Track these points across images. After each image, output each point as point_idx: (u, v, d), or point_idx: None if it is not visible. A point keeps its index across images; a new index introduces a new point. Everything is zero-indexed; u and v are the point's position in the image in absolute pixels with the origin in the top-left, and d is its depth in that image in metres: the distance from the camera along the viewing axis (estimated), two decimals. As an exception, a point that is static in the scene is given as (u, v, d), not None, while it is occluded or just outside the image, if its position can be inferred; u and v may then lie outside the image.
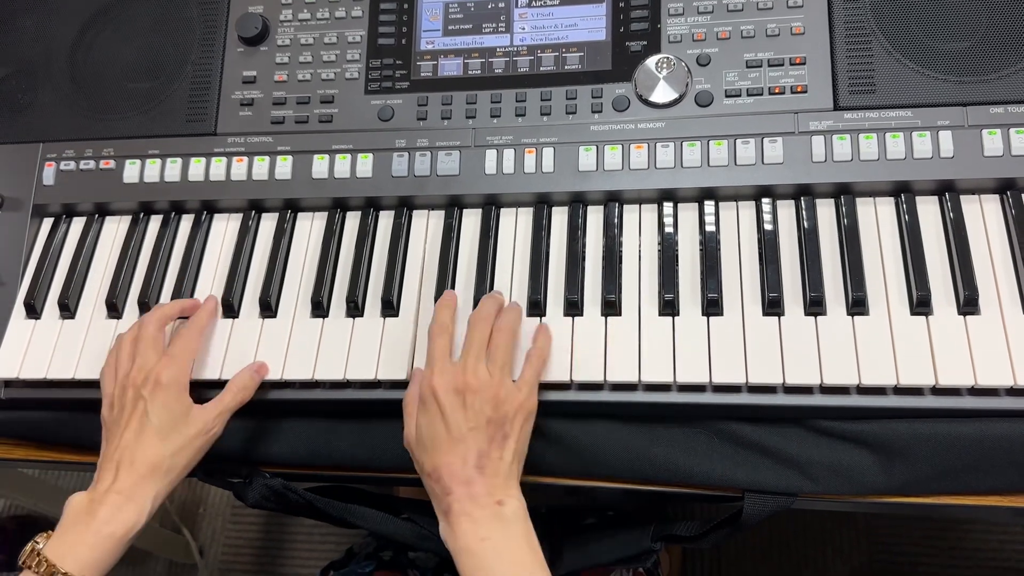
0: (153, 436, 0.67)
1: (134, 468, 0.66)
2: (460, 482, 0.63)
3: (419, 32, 0.84)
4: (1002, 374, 0.65)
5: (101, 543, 0.64)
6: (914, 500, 0.70)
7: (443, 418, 0.64)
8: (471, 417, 0.64)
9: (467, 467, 0.63)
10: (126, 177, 0.84)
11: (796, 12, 0.77)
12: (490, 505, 0.62)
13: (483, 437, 0.64)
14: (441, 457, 0.64)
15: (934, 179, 0.72)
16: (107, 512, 0.64)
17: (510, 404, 0.65)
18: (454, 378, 0.65)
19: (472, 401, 0.64)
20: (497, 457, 0.64)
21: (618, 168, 0.77)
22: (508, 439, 0.64)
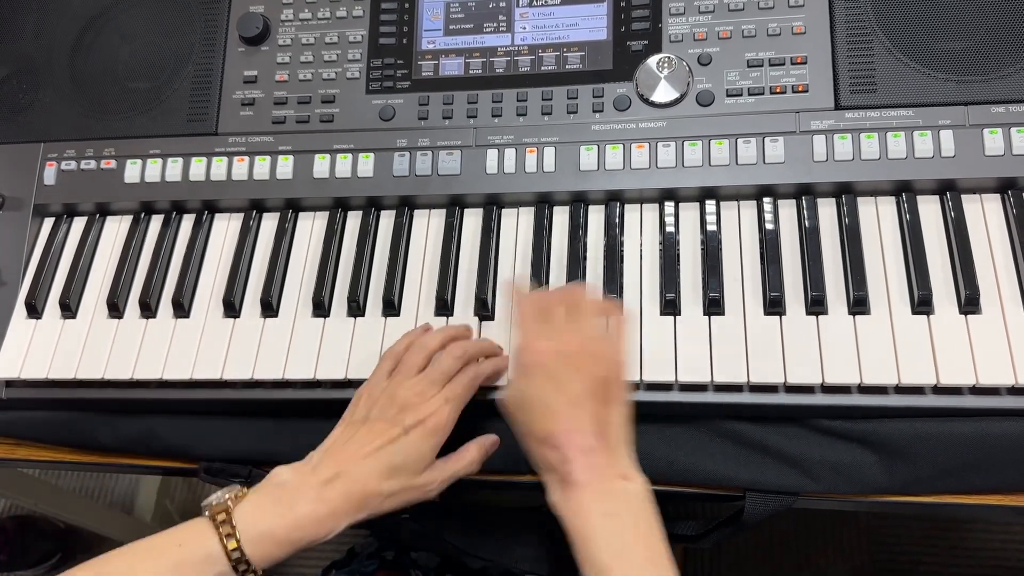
0: (384, 470, 0.62)
1: (349, 488, 0.61)
2: (580, 450, 0.58)
3: (420, 32, 0.84)
4: (1003, 373, 0.65)
5: (287, 543, 0.60)
6: (916, 499, 0.70)
7: (553, 382, 0.60)
8: (581, 379, 0.60)
9: (586, 435, 0.59)
10: (127, 177, 0.84)
11: (797, 11, 0.77)
12: (614, 478, 0.58)
13: (596, 400, 0.60)
14: (555, 422, 0.59)
15: (935, 178, 0.72)
16: (307, 515, 0.60)
17: (612, 363, 0.62)
18: (558, 341, 0.62)
19: (580, 362, 0.60)
20: (611, 422, 0.60)
21: (619, 168, 0.77)
22: (613, 403, 0.61)
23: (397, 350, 0.70)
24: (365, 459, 0.62)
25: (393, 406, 0.64)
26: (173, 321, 0.79)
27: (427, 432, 0.63)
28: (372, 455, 0.62)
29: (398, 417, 0.64)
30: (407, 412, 0.64)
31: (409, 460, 0.63)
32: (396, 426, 0.63)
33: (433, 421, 0.63)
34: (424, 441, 0.63)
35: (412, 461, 0.63)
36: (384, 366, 0.69)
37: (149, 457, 0.81)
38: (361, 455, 0.62)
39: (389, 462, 0.62)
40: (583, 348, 0.61)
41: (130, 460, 0.82)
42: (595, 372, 0.61)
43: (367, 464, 0.62)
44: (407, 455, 0.63)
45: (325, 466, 0.62)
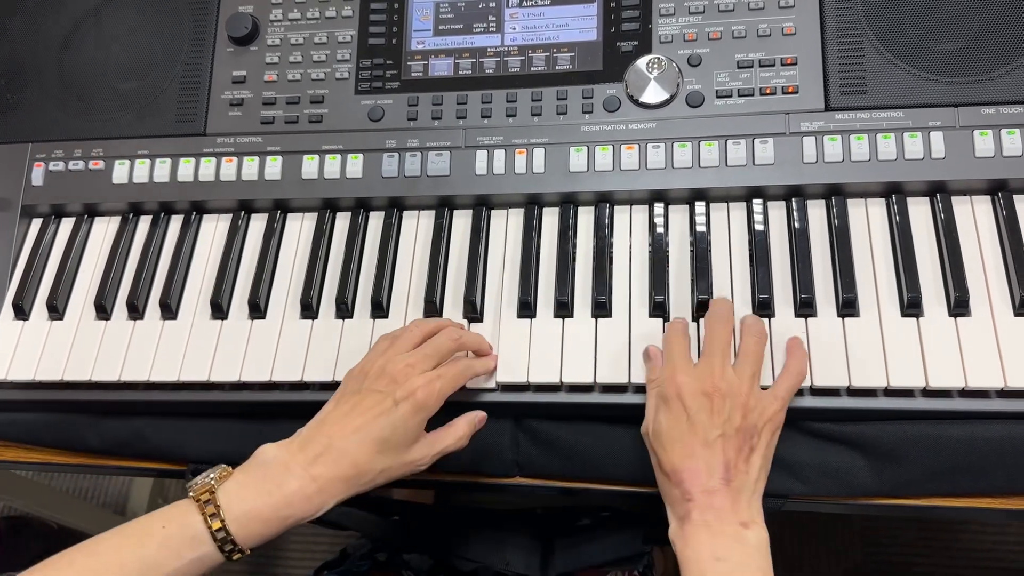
0: (374, 443, 0.61)
1: (339, 464, 0.60)
2: (703, 490, 0.59)
3: (410, 32, 0.83)
4: (992, 376, 0.65)
5: (275, 521, 0.59)
6: (905, 502, 0.70)
7: (688, 420, 0.61)
8: (719, 423, 0.60)
9: (713, 477, 0.59)
10: (115, 177, 0.84)
11: (787, 12, 0.77)
12: (733, 523, 0.58)
13: (731, 446, 0.60)
14: (684, 461, 0.60)
15: (925, 180, 0.72)
16: (295, 493, 0.59)
17: (759, 414, 0.61)
18: (701, 380, 0.62)
19: (721, 406, 0.60)
20: (744, 470, 0.60)
21: (609, 169, 0.76)
22: (755, 452, 0.61)
23: (394, 332, 0.69)
24: (355, 432, 0.61)
25: (384, 377, 0.63)
26: (160, 323, 0.78)
27: (416, 405, 0.62)
28: (362, 428, 0.61)
29: (388, 388, 0.63)
30: (397, 384, 0.63)
31: (397, 434, 0.62)
32: (386, 398, 0.62)
33: (422, 394, 0.62)
34: (413, 415, 0.62)
35: (400, 435, 0.62)
36: (380, 345, 0.68)
37: (137, 459, 0.81)
38: (351, 428, 0.61)
39: (378, 436, 0.61)
40: (728, 393, 0.61)
41: (118, 462, 0.82)
42: (734, 419, 0.60)
43: (356, 438, 0.61)
44: (395, 429, 0.61)
45: (314, 441, 0.61)
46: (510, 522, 0.93)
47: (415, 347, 0.67)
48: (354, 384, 0.65)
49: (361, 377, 0.65)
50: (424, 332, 0.68)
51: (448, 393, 0.65)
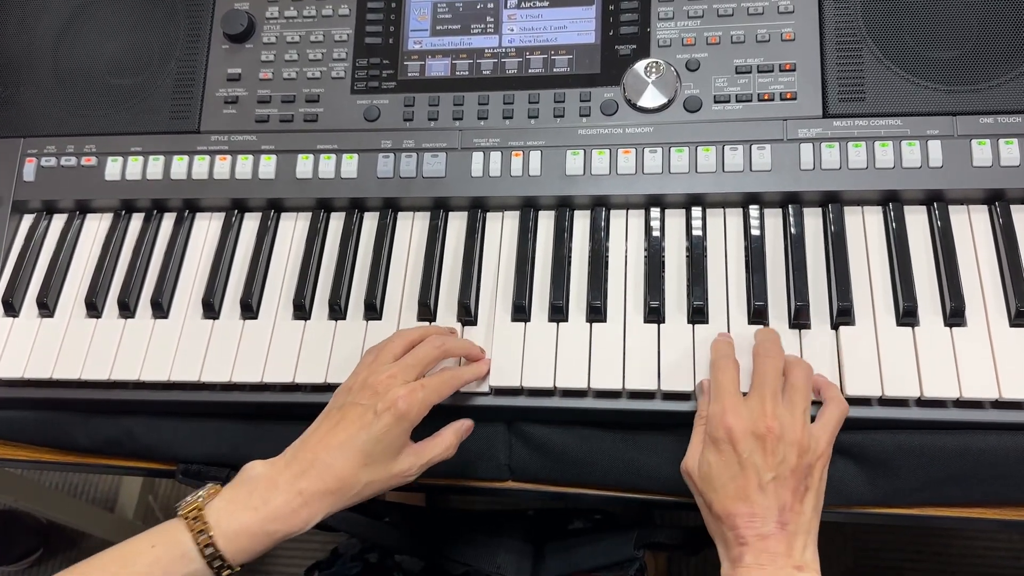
0: (358, 456, 0.61)
1: (325, 478, 0.60)
2: (757, 535, 0.58)
3: (407, 32, 0.83)
4: (987, 387, 0.65)
5: (263, 536, 0.59)
6: (899, 511, 0.70)
7: (740, 463, 0.59)
8: (774, 465, 0.58)
9: (768, 521, 0.58)
10: (108, 174, 0.83)
11: (787, 18, 0.77)
12: (787, 568, 0.57)
13: (786, 489, 0.58)
14: (736, 505, 0.59)
15: (922, 188, 0.72)
16: (282, 507, 0.59)
17: (812, 453, 0.60)
18: (753, 421, 0.60)
19: (774, 448, 0.59)
20: (799, 511, 0.59)
21: (605, 173, 0.76)
22: (809, 491, 0.59)
23: (379, 344, 0.69)
24: (339, 447, 0.61)
25: (366, 390, 0.63)
26: (152, 321, 0.78)
27: (397, 416, 0.62)
28: (345, 442, 0.61)
29: (370, 401, 0.62)
30: (379, 396, 0.62)
31: (381, 446, 0.62)
32: (368, 411, 0.62)
33: (404, 404, 0.62)
34: (395, 425, 0.62)
35: (384, 447, 0.62)
36: (365, 358, 0.68)
37: (126, 458, 0.80)
38: (335, 443, 0.61)
39: (362, 448, 0.61)
40: (782, 434, 0.60)
41: (108, 461, 0.81)
42: (789, 460, 0.59)
43: (340, 452, 0.61)
44: (378, 441, 0.61)
45: (299, 457, 0.61)
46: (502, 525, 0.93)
47: (398, 358, 0.66)
48: (340, 399, 0.65)
49: (346, 392, 0.65)
50: (407, 342, 0.68)
51: (432, 402, 0.64)
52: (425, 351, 0.67)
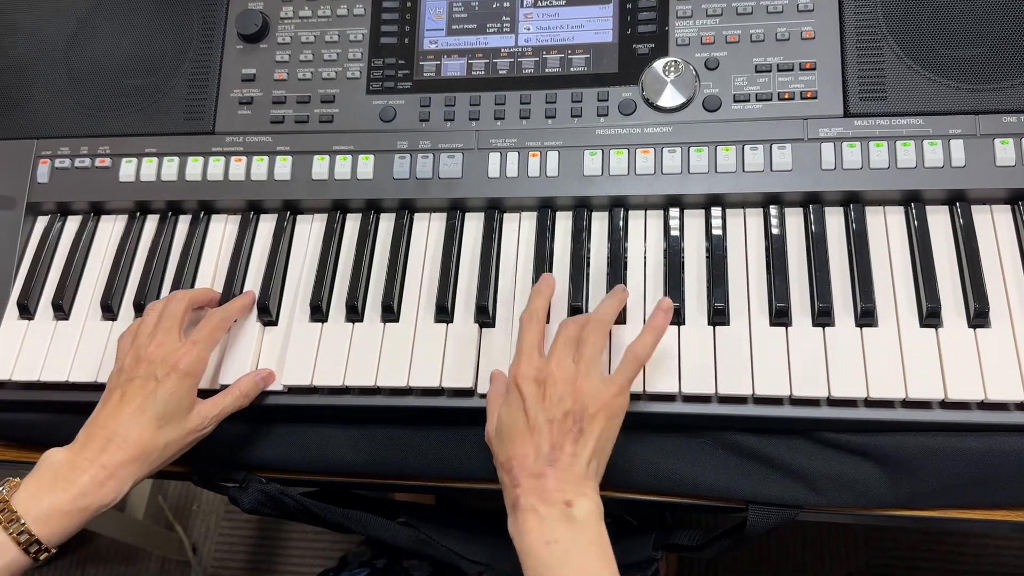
0: (152, 421, 0.65)
1: (125, 448, 0.64)
2: (529, 474, 0.59)
3: (422, 31, 0.82)
4: (1012, 389, 0.64)
5: (76, 513, 0.62)
6: (920, 514, 0.69)
7: (523, 408, 0.61)
8: (548, 408, 0.61)
9: (539, 460, 0.59)
10: (122, 176, 0.83)
11: (807, 16, 0.76)
12: (558, 503, 0.58)
13: (557, 429, 0.60)
14: (515, 448, 0.61)
15: (945, 188, 0.71)
16: (88, 483, 0.62)
17: (592, 399, 0.61)
18: (538, 368, 0.62)
19: (552, 392, 0.61)
20: (571, 452, 0.60)
21: (624, 173, 0.75)
22: (584, 435, 0.60)
23: (132, 326, 0.72)
24: (132, 417, 0.64)
25: (140, 364, 0.67)
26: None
27: (181, 375, 0.66)
28: (136, 411, 0.65)
29: (148, 370, 0.66)
30: (155, 364, 0.66)
31: (171, 406, 0.65)
32: (149, 380, 0.66)
33: (184, 362, 0.66)
34: (180, 384, 0.66)
35: (175, 406, 0.66)
36: (123, 343, 0.71)
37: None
38: (127, 414, 0.64)
39: (154, 412, 0.65)
40: (562, 379, 0.61)
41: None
42: (564, 403, 0.61)
43: (135, 421, 0.64)
44: (168, 401, 0.65)
45: (94, 436, 0.64)
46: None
47: (154, 327, 0.69)
48: (114, 381, 0.68)
49: (118, 373, 0.68)
50: (157, 312, 0.71)
51: (209, 351, 0.69)
52: (173, 308, 0.70)
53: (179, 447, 0.67)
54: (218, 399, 0.69)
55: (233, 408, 0.70)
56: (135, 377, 0.66)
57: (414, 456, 0.74)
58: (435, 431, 0.74)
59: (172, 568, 1.68)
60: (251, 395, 0.71)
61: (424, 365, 0.71)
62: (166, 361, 0.66)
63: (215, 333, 0.71)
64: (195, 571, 1.65)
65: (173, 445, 0.66)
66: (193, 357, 0.67)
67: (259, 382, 0.72)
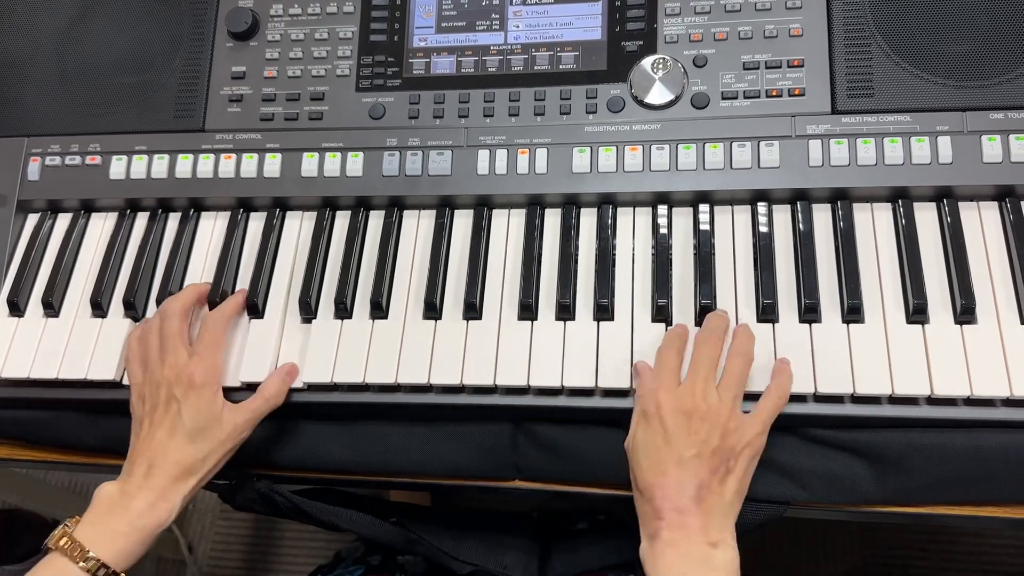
0: (185, 439, 0.67)
1: (166, 469, 0.66)
2: (673, 509, 0.59)
3: (412, 29, 0.82)
4: (998, 385, 0.64)
5: (135, 533, 0.64)
6: (908, 510, 0.69)
7: (664, 437, 0.61)
8: (695, 443, 0.60)
9: (683, 495, 0.59)
10: (112, 173, 0.83)
11: (795, 13, 0.76)
12: (701, 544, 0.58)
13: (705, 467, 0.59)
14: (657, 477, 0.60)
15: (932, 185, 0.71)
16: (141, 506, 0.65)
17: (738, 437, 0.61)
18: (682, 398, 0.62)
19: (699, 427, 0.60)
20: (718, 492, 0.60)
21: (612, 170, 0.75)
22: (731, 475, 0.60)
23: (131, 348, 0.73)
24: (165, 441, 0.67)
25: (159, 389, 0.69)
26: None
27: (197, 389, 0.68)
28: (167, 435, 0.67)
29: (168, 393, 0.68)
30: (172, 384, 0.68)
31: (199, 420, 0.67)
32: (171, 402, 0.68)
33: (198, 376, 0.68)
34: (200, 397, 0.68)
35: (202, 419, 0.67)
36: (135, 373, 0.72)
37: (132, 458, 0.80)
38: (159, 440, 0.67)
39: (184, 431, 0.67)
40: (708, 414, 0.61)
41: (114, 461, 0.81)
42: (711, 440, 0.60)
43: (169, 443, 0.67)
44: (194, 417, 0.67)
45: (136, 465, 0.67)
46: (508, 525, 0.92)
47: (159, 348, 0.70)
48: (138, 411, 0.70)
49: (140, 402, 0.70)
50: (156, 334, 0.71)
51: (218, 355, 0.71)
52: (170, 327, 0.71)
53: (219, 456, 0.69)
54: (249, 404, 0.70)
55: (267, 410, 0.71)
56: (158, 404, 0.68)
57: (401, 453, 0.74)
58: (421, 427, 0.74)
59: (168, 567, 1.68)
60: (281, 394, 0.72)
61: (412, 362, 0.71)
62: (180, 380, 0.68)
63: (216, 337, 0.72)
64: (191, 570, 1.65)
65: (213, 455, 0.68)
66: (204, 368, 0.69)
67: (285, 379, 0.72)
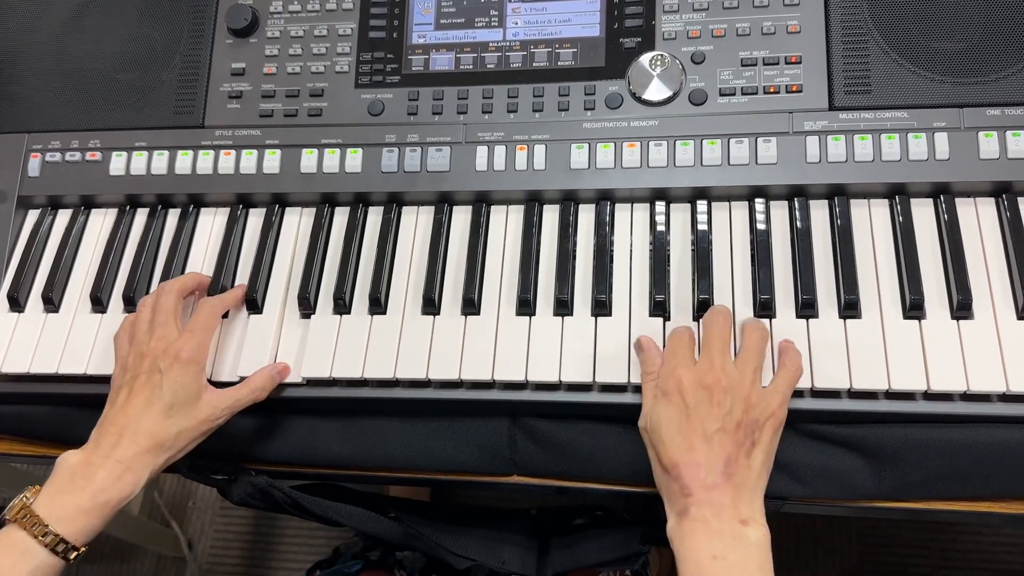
0: (161, 411, 0.65)
1: (137, 440, 0.64)
2: (702, 486, 0.58)
3: (411, 25, 0.83)
4: (995, 380, 0.64)
5: (97, 509, 0.62)
6: (905, 505, 0.70)
7: (687, 413, 0.60)
8: (719, 417, 0.59)
9: (712, 471, 0.58)
10: (112, 169, 0.83)
11: (792, 10, 0.76)
12: (732, 520, 0.57)
13: (731, 441, 0.59)
14: (683, 455, 0.59)
15: (929, 181, 0.72)
16: (105, 478, 0.63)
17: (761, 409, 0.60)
18: (701, 373, 0.61)
19: (721, 400, 0.60)
20: (745, 465, 0.59)
21: (610, 166, 0.76)
22: (756, 447, 0.60)
23: (123, 324, 0.73)
24: (141, 410, 0.65)
25: (143, 359, 0.67)
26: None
27: (183, 363, 0.67)
28: (144, 404, 0.65)
29: (152, 364, 0.67)
30: (157, 357, 0.67)
31: (179, 395, 0.66)
32: (154, 373, 0.66)
33: (186, 352, 0.67)
34: (184, 372, 0.66)
35: (183, 394, 0.66)
36: (122, 343, 0.71)
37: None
38: (135, 409, 0.65)
39: (162, 403, 0.65)
40: (730, 387, 0.60)
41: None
42: (735, 413, 0.60)
43: (144, 414, 0.65)
44: (175, 391, 0.66)
45: (106, 434, 0.65)
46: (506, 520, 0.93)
47: (150, 322, 0.70)
48: (119, 379, 0.69)
49: (123, 371, 0.69)
50: (150, 307, 0.71)
51: (208, 338, 0.70)
52: (164, 302, 0.71)
53: (192, 436, 0.67)
54: (232, 390, 0.70)
55: (248, 401, 0.70)
56: (140, 373, 0.67)
57: (399, 448, 0.74)
58: (420, 423, 0.74)
59: (168, 564, 1.69)
60: (267, 388, 0.72)
61: (410, 357, 0.72)
62: (167, 353, 0.67)
63: (210, 320, 0.71)
64: (191, 567, 1.65)
65: (186, 434, 0.67)
66: (193, 345, 0.68)
67: (274, 376, 0.72)
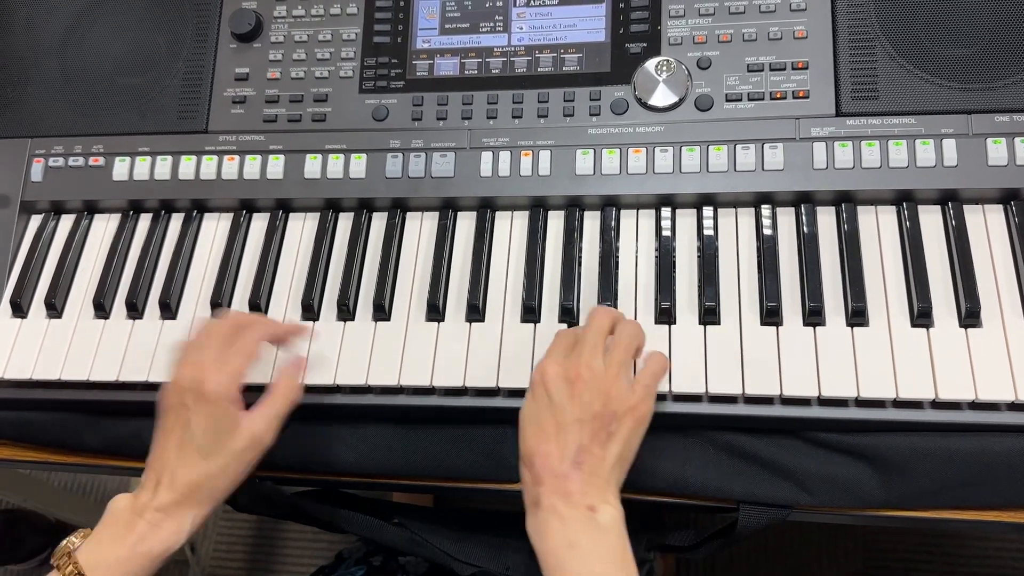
0: (195, 454, 0.61)
1: (174, 488, 0.61)
2: (553, 474, 0.58)
3: (415, 30, 0.82)
4: (1003, 389, 0.64)
5: (135, 559, 0.60)
6: (912, 514, 0.69)
7: (549, 406, 0.60)
8: (577, 408, 0.59)
9: (564, 460, 0.58)
10: (115, 174, 0.83)
11: (799, 15, 0.76)
12: (582, 507, 0.58)
13: (587, 431, 0.59)
14: (538, 444, 0.59)
15: (937, 188, 0.71)
16: (144, 528, 0.61)
17: (620, 403, 0.60)
18: (567, 367, 0.61)
19: (581, 392, 0.60)
20: (598, 456, 0.59)
21: (616, 172, 0.75)
22: (612, 439, 0.59)
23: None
24: (175, 454, 0.62)
25: (175, 392, 0.63)
26: (160, 322, 0.77)
27: (205, 398, 0.61)
28: (178, 447, 0.62)
29: (178, 398, 0.63)
30: (184, 390, 0.62)
31: (208, 433, 0.61)
32: (181, 408, 0.62)
33: (210, 384, 0.61)
34: (208, 407, 0.61)
35: (212, 432, 0.62)
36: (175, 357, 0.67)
37: (136, 459, 0.80)
38: (170, 454, 0.62)
39: (195, 446, 0.62)
40: (591, 380, 0.60)
41: (116, 462, 0.81)
42: (593, 406, 0.60)
43: (179, 460, 0.62)
44: (203, 430, 0.61)
45: (147, 480, 0.63)
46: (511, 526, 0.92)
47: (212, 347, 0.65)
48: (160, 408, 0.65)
49: (162, 400, 0.65)
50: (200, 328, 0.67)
51: (242, 368, 0.63)
52: (213, 325, 0.65)
53: (238, 469, 0.63)
54: (265, 408, 0.64)
55: (286, 408, 0.66)
56: (169, 406, 0.63)
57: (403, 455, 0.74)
58: (425, 430, 0.74)
59: (170, 567, 1.68)
60: (295, 388, 0.67)
61: (415, 364, 0.71)
62: (192, 386, 0.62)
63: (244, 348, 0.64)
64: (193, 570, 1.65)
65: (230, 469, 0.63)
66: (220, 378, 0.62)
67: (294, 372, 0.68)
